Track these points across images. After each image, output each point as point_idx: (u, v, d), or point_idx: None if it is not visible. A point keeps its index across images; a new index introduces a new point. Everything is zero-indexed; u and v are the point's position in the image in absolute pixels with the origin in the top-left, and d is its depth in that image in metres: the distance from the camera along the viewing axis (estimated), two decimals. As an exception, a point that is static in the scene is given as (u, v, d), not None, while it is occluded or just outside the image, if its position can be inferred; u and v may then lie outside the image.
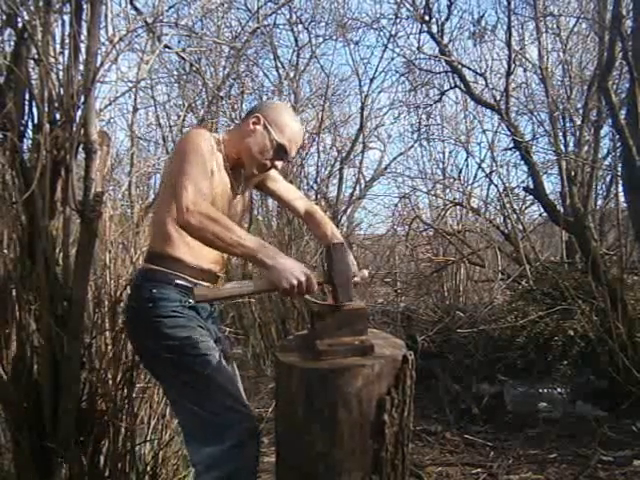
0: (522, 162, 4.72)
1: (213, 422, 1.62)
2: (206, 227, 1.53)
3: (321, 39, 6.71)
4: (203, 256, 1.75)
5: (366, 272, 1.86)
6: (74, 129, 1.97)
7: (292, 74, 6.80)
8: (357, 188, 7.10)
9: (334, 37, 6.64)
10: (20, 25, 2.02)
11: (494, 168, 5.46)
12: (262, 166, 1.84)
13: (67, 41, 1.99)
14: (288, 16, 6.49)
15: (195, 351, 1.66)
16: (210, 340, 1.74)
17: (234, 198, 1.86)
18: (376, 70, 6.43)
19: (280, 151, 1.81)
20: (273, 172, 2.01)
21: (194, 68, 5.31)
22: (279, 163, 1.85)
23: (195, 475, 1.66)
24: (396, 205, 6.41)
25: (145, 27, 2.54)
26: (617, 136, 3.53)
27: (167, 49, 3.03)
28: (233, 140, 1.84)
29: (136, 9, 2.70)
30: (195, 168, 1.63)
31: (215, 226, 1.53)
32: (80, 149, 2.02)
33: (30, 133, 2.05)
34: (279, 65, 6.78)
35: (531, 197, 5.34)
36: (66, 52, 1.99)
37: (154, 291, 1.71)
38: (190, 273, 1.74)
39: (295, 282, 1.50)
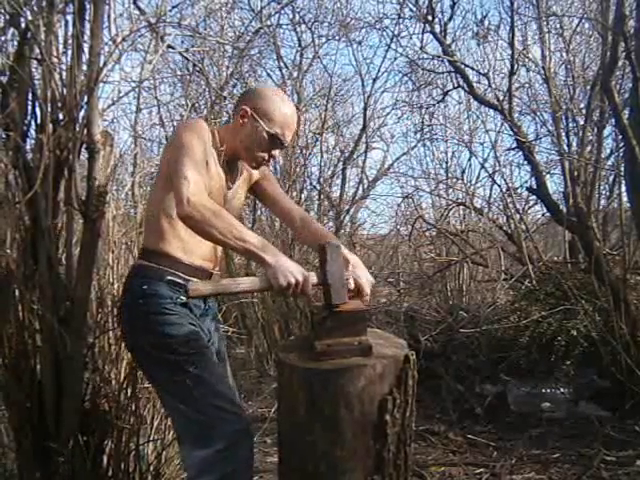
0: (525, 162, 4.71)
1: (201, 422, 1.58)
2: (208, 220, 1.51)
3: (324, 39, 6.71)
4: (196, 253, 1.73)
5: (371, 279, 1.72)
6: (77, 129, 1.97)
7: (295, 74, 6.80)
8: (360, 188, 7.12)
9: (337, 37, 6.65)
10: (23, 25, 2.02)
11: (497, 168, 5.44)
12: (259, 159, 1.80)
13: (70, 41, 1.99)
14: (291, 16, 6.52)
15: (184, 349, 1.62)
16: (202, 338, 1.71)
17: (228, 193, 1.84)
18: (379, 70, 6.46)
19: (274, 140, 1.76)
20: (270, 174, 2.00)
21: (197, 68, 5.33)
22: (276, 152, 1.81)
23: (188, 478, 1.64)
24: (399, 205, 6.42)
25: (148, 27, 2.54)
26: (620, 136, 3.52)
27: (170, 49, 3.04)
28: (227, 136, 1.81)
29: (139, 9, 2.71)
30: (195, 158, 1.60)
31: (217, 220, 1.51)
32: (83, 149, 2.03)
33: (33, 133, 2.05)
34: (282, 65, 6.79)
35: (534, 197, 5.32)
36: (69, 52, 1.98)
37: (145, 287, 1.67)
38: (182, 270, 1.70)
39: (293, 281, 1.50)
